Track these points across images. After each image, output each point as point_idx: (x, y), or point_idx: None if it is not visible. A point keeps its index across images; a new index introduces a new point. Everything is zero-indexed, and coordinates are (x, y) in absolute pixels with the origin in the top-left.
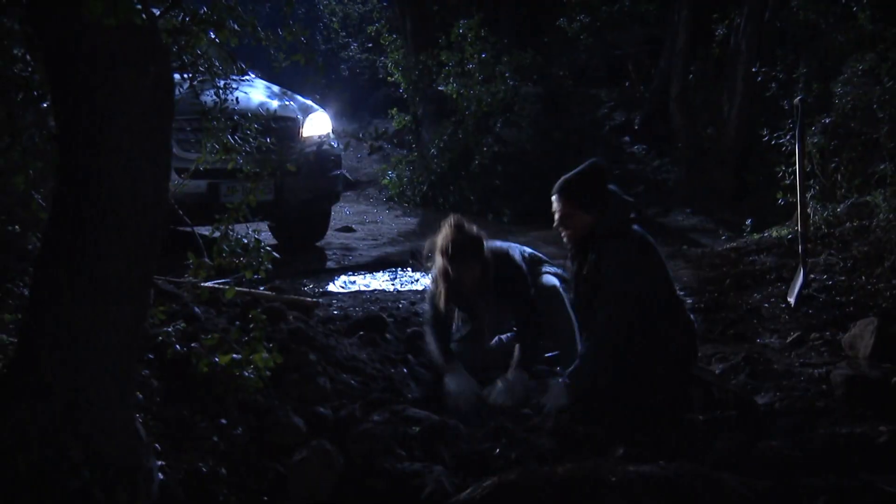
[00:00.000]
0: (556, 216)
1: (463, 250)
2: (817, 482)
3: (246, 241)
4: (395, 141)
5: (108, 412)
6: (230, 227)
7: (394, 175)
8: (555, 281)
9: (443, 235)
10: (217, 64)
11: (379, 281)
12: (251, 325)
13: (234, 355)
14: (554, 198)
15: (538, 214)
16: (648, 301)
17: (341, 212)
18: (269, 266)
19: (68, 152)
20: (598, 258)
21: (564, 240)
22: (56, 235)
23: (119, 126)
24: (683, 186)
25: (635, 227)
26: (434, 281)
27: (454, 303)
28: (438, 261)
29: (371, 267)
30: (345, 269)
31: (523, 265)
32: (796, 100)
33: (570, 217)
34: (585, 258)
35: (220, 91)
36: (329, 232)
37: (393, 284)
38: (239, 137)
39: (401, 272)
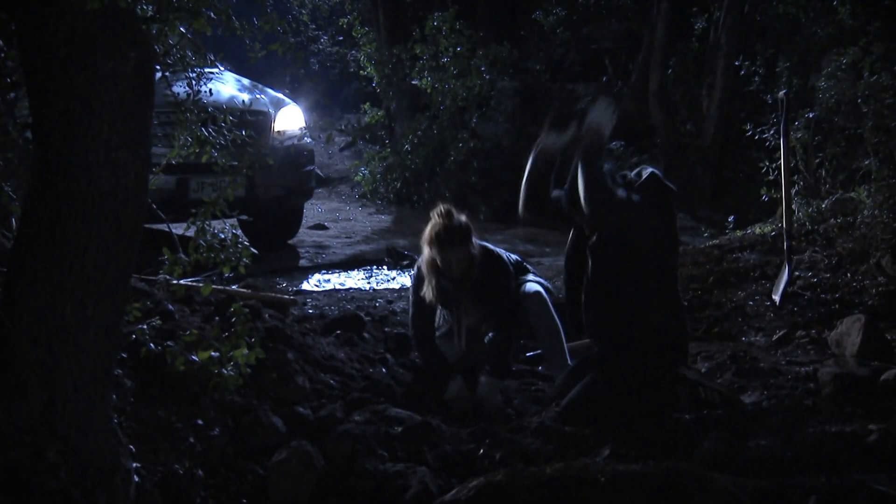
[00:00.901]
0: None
1: (452, 236)
2: (808, 481)
3: (223, 236)
4: (367, 136)
5: (86, 411)
6: (207, 222)
7: (366, 171)
8: (538, 287)
9: (431, 224)
10: (189, 54)
11: (354, 279)
12: (233, 320)
13: (213, 353)
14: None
15: (515, 211)
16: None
17: (313, 209)
18: (248, 262)
19: (45, 142)
20: None
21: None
22: (32, 229)
23: (99, 114)
24: None
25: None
26: (419, 277)
27: (439, 299)
28: (426, 251)
29: (345, 265)
30: (319, 268)
31: (510, 264)
32: (781, 93)
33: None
34: None
35: (193, 82)
36: (301, 229)
37: (368, 283)
38: (213, 130)
39: (376, 270)
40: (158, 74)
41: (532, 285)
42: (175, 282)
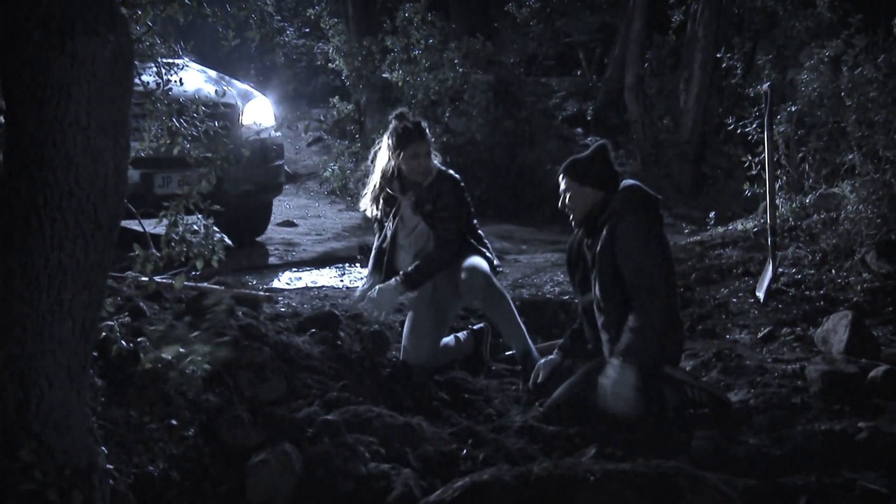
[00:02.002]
0: (561, 196)
1: (413, 128)
2: (798, 480)
3: (196, 228)
4: (335, 131)
5: (61, 409)
6: (179, 215)
7: (336, 167)
8: (482, 263)
9: (391, 128)
10: (159, 42)
11: (326, 277)
12: (207, 316)
13: (181, 348)
14: (560, 178)
15: (489, 207)
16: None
17: (280, 206)
18: (222, 256)
19: (19, 129)
20: (611, 233)
21: (572, 222)
22: (5, 219)
23: (77, 100)
24: (639, 179)
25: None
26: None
27: (381, 206)
28: (383, 158)
29: (317, 263)
30: (289, 265)
31: (464, 189)
32: (765, 86)
33: (573, 194)
34: (596, 238)
35: (164, 72)
36: (269, 226)
37: (342, 281)
38: (185, 121)
39: (349, 268)
40: None
41: (476, 263)
42: (144, 279)
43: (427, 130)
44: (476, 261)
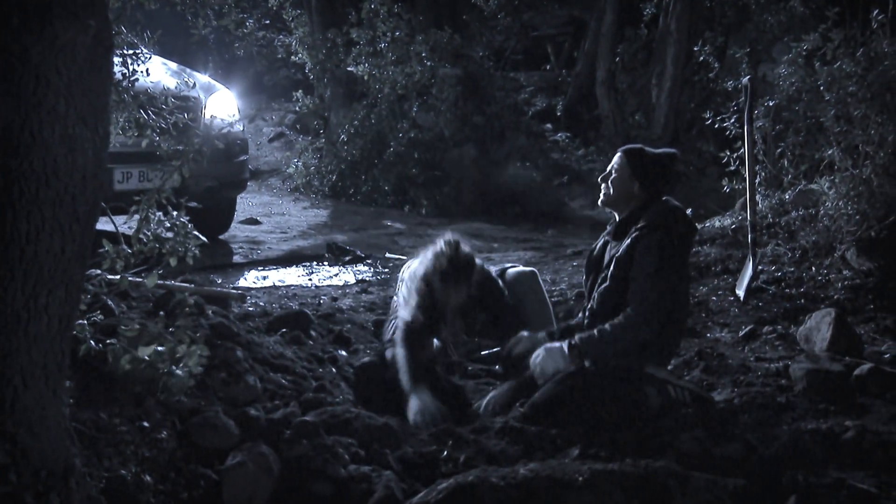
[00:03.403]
0: (608, 171)
1: (458, 273)
2: (786, 480)
3: (168, 224)
4: (298, 127)
5: (37, 409)
6: (151, 210)
7: (300, 163)
8: (527, 268)
9: (436, 255)
10: (125, 31)
11: (294, 276)
12: (176, 312)
13: (158, 347)
14: (617, 156)
15: (457, 205)
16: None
17: (243, 203)
18: (197, 252)
19: None
20: (636, 242)
21: (600, 200)
22: None
23: (55, 87)
24: None
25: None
26: (415, 301)
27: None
28: (424, 282)
29: (283, 261)
30: (254, 264)
31: (501, 283)
32: (745, 80)
33: (620, 177)
34: (621, 243)
35: (129, 62)
36: (232, 224)
37: (310, 280)
38: (153, 113)
39: (317, 266)
40: None
41: (519, 268)
42: (112, 276)
43: (473, 269)
44: (521, 266)
